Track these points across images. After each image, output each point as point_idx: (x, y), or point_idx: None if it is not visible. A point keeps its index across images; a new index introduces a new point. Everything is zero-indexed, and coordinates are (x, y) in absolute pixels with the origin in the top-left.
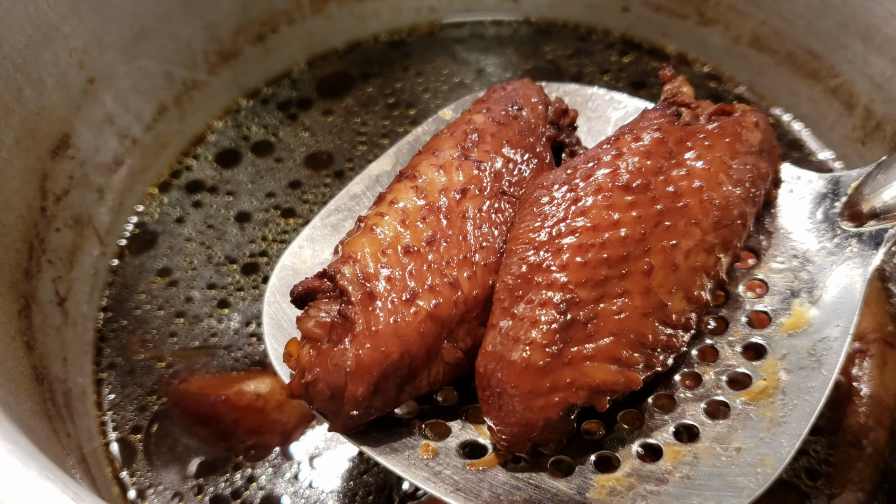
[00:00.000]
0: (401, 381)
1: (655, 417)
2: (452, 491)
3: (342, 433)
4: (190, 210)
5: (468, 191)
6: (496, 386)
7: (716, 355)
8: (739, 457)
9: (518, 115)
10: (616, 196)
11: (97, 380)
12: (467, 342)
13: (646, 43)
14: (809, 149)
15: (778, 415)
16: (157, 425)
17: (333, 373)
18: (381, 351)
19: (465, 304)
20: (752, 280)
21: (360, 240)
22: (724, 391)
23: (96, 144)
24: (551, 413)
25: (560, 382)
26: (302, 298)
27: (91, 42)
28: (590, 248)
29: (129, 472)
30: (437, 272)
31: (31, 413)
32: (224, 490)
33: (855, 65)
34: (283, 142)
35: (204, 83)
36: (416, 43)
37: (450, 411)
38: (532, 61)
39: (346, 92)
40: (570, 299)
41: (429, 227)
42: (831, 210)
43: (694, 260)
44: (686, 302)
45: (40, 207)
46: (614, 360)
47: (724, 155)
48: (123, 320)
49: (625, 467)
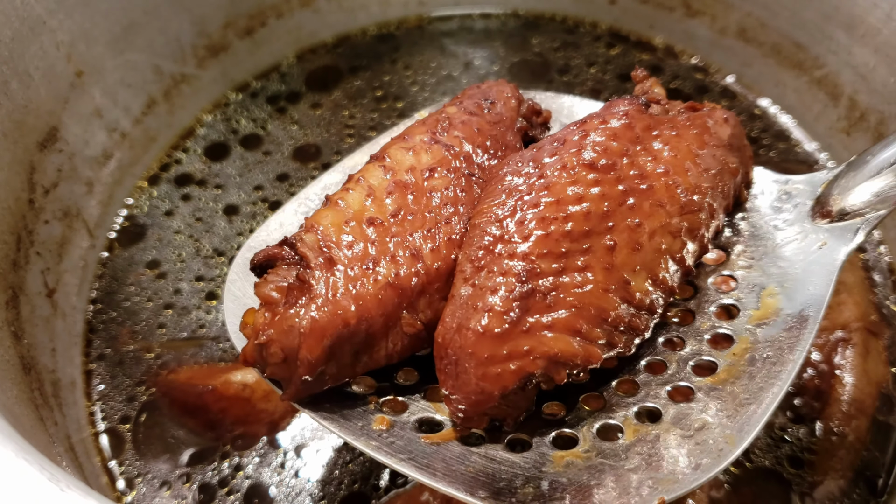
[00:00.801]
0: (357, 349)
1: (618, 401)
2: (404, 460)
3: (294, 401)
4: (179, 203)
5: (436, 170)
6: (453, 354)
7: (682, 344)
8: (701, 435)
9: (491, 108)
10: (580, 173)
11: (86, 370)
12: (427, 314)
13: (633, 35)
14: (795, 139)
15: (742, 397)
16: (146, 415)
17: (288, 334)
18: (338, 315)
19: (426, 276)
20: (720, 276)
21: (324, 212)
22: (688, 377)
23: (85, 138)
24: (508, 381)
25: (518, 350)
26: (262, 267)
27: (79, 35)
28: (552, 220)
29: (117, 461)
30: (400, 244)
31: (16, 400)
32: (211, 479)
33: (839, 55)
34: (272, 135)
35: (193, 77)
36: (405, 36)
37: (408, 390)
38: (520, 54)
39: (334, 85)
40: (530, 269)
41: (394, 203)
42: (802, 209)
43: (659, 242)
44: (651, 283)
45: (28, 200)
46: (574, 332)
47: (691, 144)
48: (113, 312)
49: (584, 444)
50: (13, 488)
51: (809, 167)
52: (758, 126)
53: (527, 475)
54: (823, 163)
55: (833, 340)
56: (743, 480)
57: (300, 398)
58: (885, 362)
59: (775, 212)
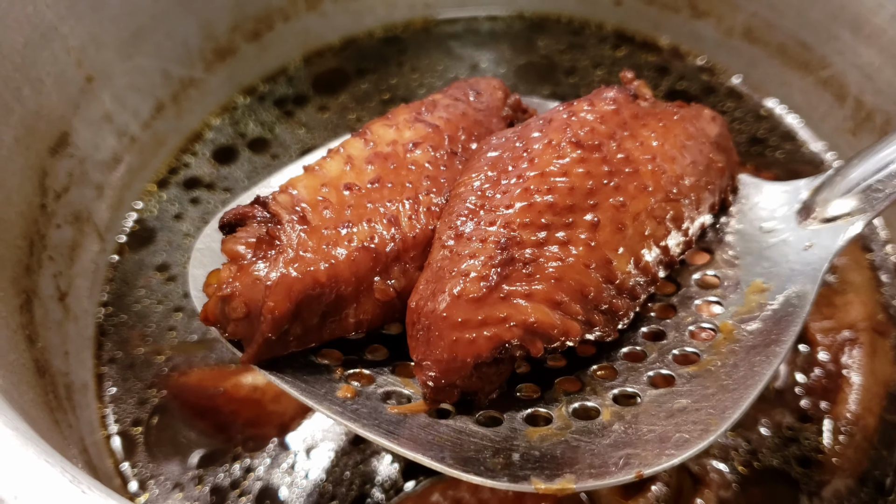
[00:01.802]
0: (325, 311)
1: (595, 385)
2: (367, 426)
3: (254, 362)
4: (188, 206)
5: (419, 145)
6: (426, 319)
7: (663, 335)
8: (682, 415)
9: (477, 97)
10: (566, 150)
11: (98, 374)
12: (402, 282)
13: (638, 36)
14: (801, 140)
15: (725, 383)
16: (157, 418)
17: (252, 287)
18: (307, 271)
19: (402, 242)
20: (704, 275)
21: (300, 176)
22: (669, 365)
23: (95, 142)
24: (482, 348)
25: (493, 317)
26: (231, 226)
27: (89, 41)
28: (536, 192)
29: (130, 463)
30: (377, 210)
31: (32, 404)
32: (223, 481)
33: (845, 55)
34: (280, 138)
35: (200, 81)
36: (411, 39)
37: (377, 366)
38: (526, 56)
39: (341, 88)
40: (510, 238)
41: (374, 171)
42: (788, 213)
43: (643, 225)
44: (633, 266)
45: (40, 204)
46: (553, 304)
47: (678, 135)
48: (123, 315)
49: (558, 422)
50: (37, 490)
51: (816, 167)
52: (764, 126)
53: (497, 447)
54: (830, 163)
55: (840, 340)
56: (751, 481)
57: (261, 359)
58: (892, 362)
59: (761, 216)
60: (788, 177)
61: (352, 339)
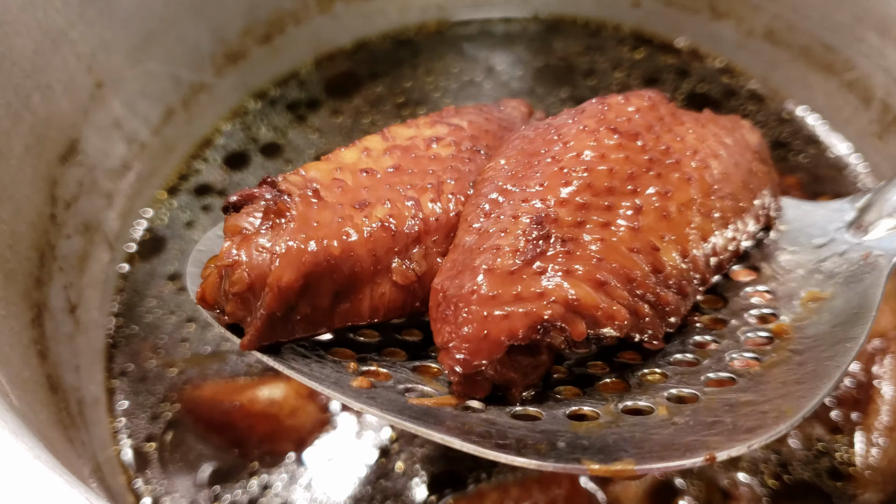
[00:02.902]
0: (338, 289)
1: (645, 387)
2: (388, 411)
3: (256, 345)
4: (199, 214)
5: (441, 139)
6: (452, 299)
7: (716, 344)
8: (748, 407)
9: (499, 110)
10: (603, 135)
11: (109, 387)
12: (422, 266)
13: (657, 38)
14: (826, 144)
15: (793, 378)
16: (171, 433)
17: (258, 256)
18: (320, 242)
19: (423, 223)
20: (755, 289)
21: (312, 163)
22: (726, 369)
23: (105, 149)
24: (517, 325)
25: (530, 291)
26: (237, 208)
27: (98, 46)
28: (572, 172)
29: (143, 479)
30: (396, 191)
31: (47, 423)
32: (240, 497)
33: (871, 58)
34: (292, 143)
35: (211, 85)
36: (425, 41)
37: (392, 367)
38: (542, 58)
39: (354, 92)
40: (546, 215)
41: (393, 160)
42: (840, 227)
43: (689, 216)
44: (681, 258)
45: (50, 214)
46: (596, 283)
47: (718, 134)
48: (135, 326)
49: (606, 417)
50: None
51: (841, 171)
52: (787, 130)
53: (538, 436)
54: (855, 166)
55: (871, 350)
56: (782, 494)
57: (262, 343)
58: None
59: (809, 232)
60: (813, 181)
61: (364, 342)
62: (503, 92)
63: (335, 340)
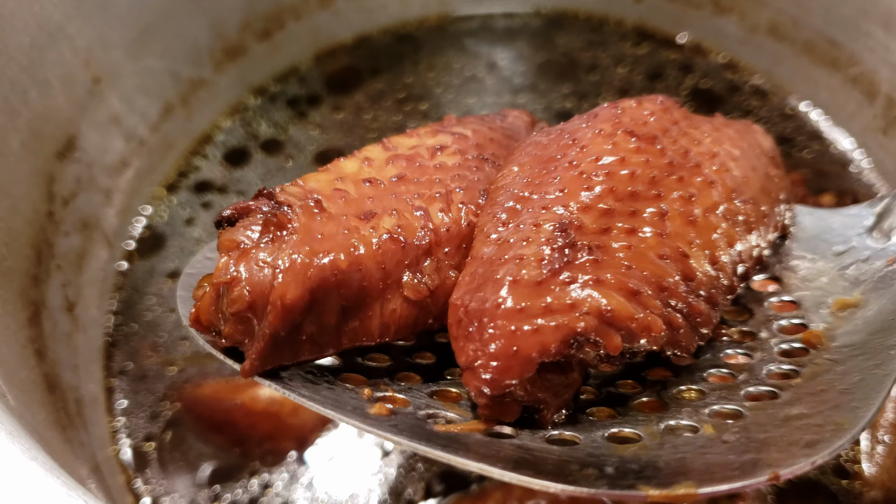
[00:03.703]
0: (346, 305)
1: (682, 406)
2: (414, 439)
3: (259, 370)
4: (199, 211)
5: (446, 148)
6: (475, 314)
7: (748, 358)
8: (800, 421)
9: (502, 120)
10: (621, 138)
11: (108, 386)
12: (434, 280)
13: (660, 33)
14: (829, 139)
15: (840, 388)
16: (171, 432)
17: (259, 271)
18: (326, 255)
19: (434, 234)
20: (781, 300)
21: (311, 174)
22: (764, 382)
23: (103, 146)
24: (549, 340)
25: (560, 303)
26: (231, 222)
27: (96, 41)
28: (592, 176)
29: (142, 479)
30: (403, 201)
31: (45, 424)
32: (241, 497)
33: (876, 53)
34: (293, 139)
35: (210, 81)
36: (426, 36)
37: (409, 392)
38: (544, 53)
39: (355, 87)
40: (570, 221)
41: (397, 169)
42: (860, 234)
43: (715, 221)
44: (711, 265)
45: (48, 211)
46: (629, 293)
47: (733, 138)
48: (134, 324)
49: (652, 440)
50: None
51: (845, 167)
52: (791, 126)
53: (582, 462)
54: (859, 162)
55: None
56: (788, 493)
57: (266, 367)
58: None
59: (829, 240)
60: (817, 177)
61: (374, 366)
62: (505, 87)
63: (343, 366)
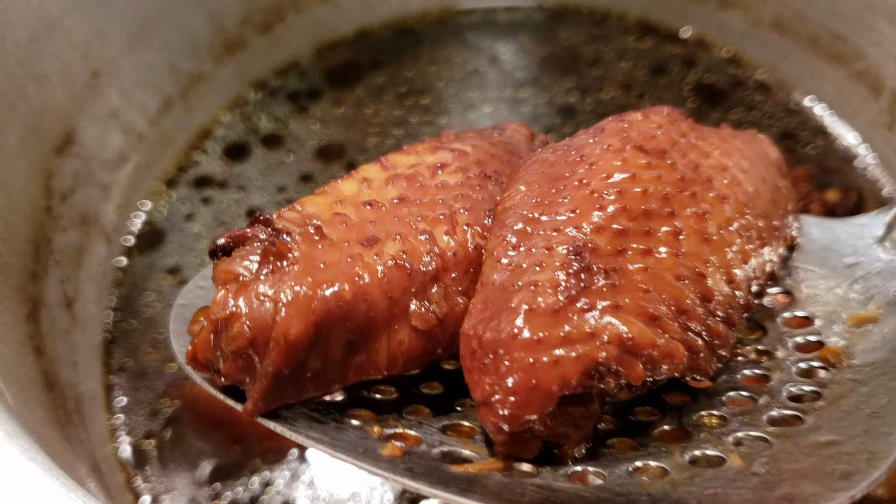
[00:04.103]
0: (352, 338)
1: (705, 434)
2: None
3: (262, 410)
4: (199, 206)
5: (446, 166)
6: (489, 347)
7: (766, 379)
8: (830, 448)
9: (501, 133)
10: (630, 154)
11: (107, 384)
12: (442, 308)
13: (663, 27)
14: (834, 134)
15: (869, 411)
16: (171, 429)
17: (259, 306)
18: (330, 286)
19: (441, 260)
20: (794, 316)
21: (307, 197)
22: (787, 405)
23: (101, 140)
24: (570, 372)
25: (580, 332)
26: (226, 251)
27: (94, 35)
28: (604, 195)
29: (142, 477)
30: (406, 224)
31: (43, 422)
32: (241, 496)
33: (882, 47)
34: (294, 134)
35: (210, 75)
36: (427, 30)
37: (420, 427)
38: (547, 47)
39: (356, 81)
40: (584, 243)
41: (397, 190)
42: (870, 245)
43: (730, 237)
44: (728, 285)
45: (46, 207)
46: (648, 318)
47: (742, 149)
48: (133, 320)
49: (680, 474)
50: None
51: (849, 162)
52: (795, 121)
53: (613, 501)
54: (864, 157)
55: None
56: None
57: (269, 406)
58: None
59: (838, 251)
60: (821, 172)
61: (381, 399)
62: (507, 81)
63: (349, 400)
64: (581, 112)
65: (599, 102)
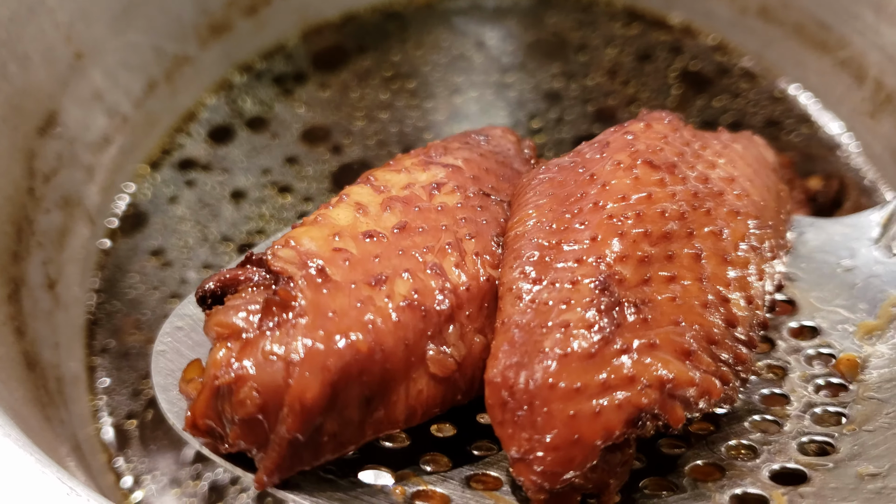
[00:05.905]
0: (369, 394)
1: (739, 467)
2: None
3: (278, 481)
4: (183, 188)
5: (442, 185)
6: (523, 397)
7: (786, 399)
8: (876, 482)
9: (487, 141)
10: (642, 170)
11: (90, 365)
12: (460, 350)
13: (649, 14)
14: (818, 123)
15: None
16: (153, 410)
17: (268, 366)
18: (344, 339)
19: (454, 296)
20: (800, 325)
21: (300, 229)
22: (812, 431)
23: (85, 122)
24: (614, 422)
25: (618, 377)
26: (216, 298)
27: (78, 15)
28: (623, 221)
29: (124, 458)
30: (413, 258)
31: (23, 401)
32: (222, 476)
33: (866, 36)
34: (279, 117)
35: (195, 58)
36: (414, 15)
37: (444, 483)
38: (534, 33)
39: (342, 65)
40: (610, 275)
41: (395, 216)
42: (867, 247)
43: (745, 255)
44: (746, 305)
45: (28, 188)
46: (683, 353)
47: (744, 156)
48: (116, 302)
49: None
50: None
51: (833, 150)
52: (779, 109)
53: None
54: (847, 145)
55: None
56: None
57: (284, 476)
58: None
59: (835, 254)
60: (805, 160)
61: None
62: (494, 66)
63: (361, 455)
64: (566, 98)
65: (585, 88)
